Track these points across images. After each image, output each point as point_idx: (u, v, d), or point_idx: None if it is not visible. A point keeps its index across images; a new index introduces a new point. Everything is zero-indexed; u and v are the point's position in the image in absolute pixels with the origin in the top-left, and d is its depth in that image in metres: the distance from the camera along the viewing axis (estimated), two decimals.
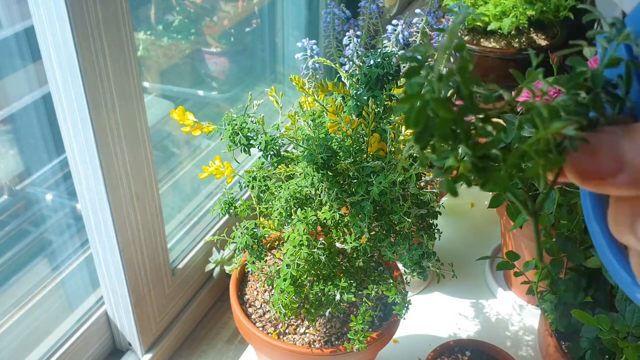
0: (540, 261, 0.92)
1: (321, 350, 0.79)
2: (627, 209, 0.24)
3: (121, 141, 0.78)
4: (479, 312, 1.13)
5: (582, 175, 0.24)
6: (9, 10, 0.79)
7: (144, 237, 0.89)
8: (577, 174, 0.24)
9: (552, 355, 0.93)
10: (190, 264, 1.04)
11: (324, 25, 0.95)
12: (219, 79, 1.38)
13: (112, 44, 0.71)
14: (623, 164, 0.23)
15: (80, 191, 0.81)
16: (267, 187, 0.76)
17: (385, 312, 0.86)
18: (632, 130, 0.24)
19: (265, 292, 0.89)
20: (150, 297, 0.95)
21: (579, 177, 0.24)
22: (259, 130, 0.75)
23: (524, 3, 1.49)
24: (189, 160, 1.24)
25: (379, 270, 0.84)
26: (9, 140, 0.91)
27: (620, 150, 0.23)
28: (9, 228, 0.91)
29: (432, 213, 0.74)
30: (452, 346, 0.94)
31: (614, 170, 0.23)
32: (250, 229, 0.75)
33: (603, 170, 0.24)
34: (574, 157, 0.24)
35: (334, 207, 0.71)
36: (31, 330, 0.89)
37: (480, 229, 1.31)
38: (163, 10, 1.24)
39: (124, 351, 0.99)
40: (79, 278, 0.96)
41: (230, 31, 1.38)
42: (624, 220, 0.24)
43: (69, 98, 0.72)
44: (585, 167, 0.24)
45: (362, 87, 0.73)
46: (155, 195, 0.88)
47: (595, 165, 0.24)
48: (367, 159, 0.71)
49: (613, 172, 0.23)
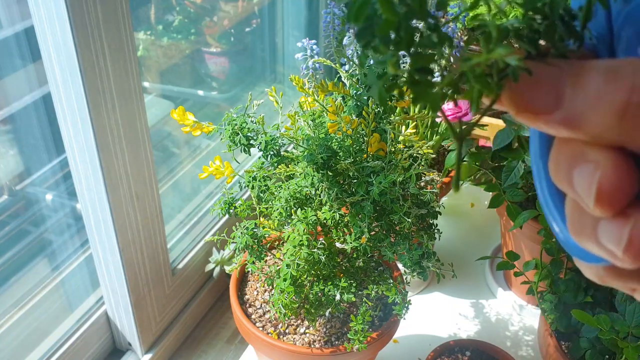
0: (459, 183, 0.93)
1: (321, 350, 0.79)
2: (568, 152, 0.23)
3: (121, 141, 0.78)
4: (479, 312, 1.13)
5: (517, 105, 0.23)
6: (9, 10, 0.79)
7: (144, 237, 0.89)
8: (513, 104, 0.23)
9: (552, 355, 0.93)
10: (190, 264, 1.04)
11: (324, 25, 0.95)
12: (219, 79, 1.38)
13: (112, 44, 0.71)
14: (560, 102, 0.22)
15: (80, 191, 0.81)
16: (267, 187, 0.76)
17: (385, 312, 0.86)
18: (579, 68, 0.22)
19: (265, 292, 0.89)
20: (150, 297, 0.95)
21: (514, 106, 0.23)
22: (259, 130, 0.75)
23: None
24: (189, 160, 1.24)
25: (379, 270, 0.84)
26: (9, 140, 0.91)
27: (560, 87, 0.22)
28: (9, 228, 0.91)
29: (432, 213, 0.74)
30: (452, 346, 0.94)
31: (550, 106, 0.22)
32: (250, 229, 0.75)
33: (539, 104, 0.23)
34: (513, 85, 0.23)
35: (334, 207, 0.71)
36: (31, 330, 0.89)
37: (480, 229, 1.31)
38: (163, 10, 1.24)
39: (124, 351, 0.99)
40: (79, 278, 0.96)
41: (230, 31, 1.38)
42: (563, 164, 0.23)
43: (69, 98, 0.72)
44: (521, 98, 0.23)
45: (362, 87, 0.73)
46: (155, 195, 0.88)
47: (532, 97, 0.23)
48: (367, 159, 0.71)
49: (549, 108, 0.22)
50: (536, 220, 0.96)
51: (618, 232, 0.22)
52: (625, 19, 0.24)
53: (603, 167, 0.22)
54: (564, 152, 0.23)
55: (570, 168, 0.23)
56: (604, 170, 0.22)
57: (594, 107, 0.21)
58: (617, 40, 0.24)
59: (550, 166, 0.24)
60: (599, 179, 0.21)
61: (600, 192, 0.21)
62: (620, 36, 0.24)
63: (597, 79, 0.22)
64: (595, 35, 0.25)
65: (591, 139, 0.22)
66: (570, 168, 0.23)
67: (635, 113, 0.21)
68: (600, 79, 0.21)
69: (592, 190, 0.22)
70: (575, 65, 0.23)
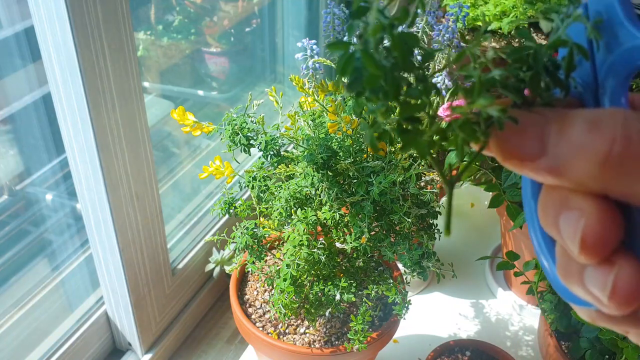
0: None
1: (321, 350, 0.79)
2: (555, 198, 0.23)
3: (121, 141, 0.78)
4: (479, 312, 1.13)
5: (503, 152, 0.23)
6: (9, 10, 0.79)
7: (144, 237, 0.89)
8: (499, 150, 0.24)
9: (552, 355, 0.93)
10: (190, 264, 1.04)
11: (324, 25, 0.95)
12: (219, 79, 1.38)
13: (112, 44, 0.71)
14: (545, 150, 0.23)
15: (80, 191, 0.81)
16: (267, 187, 0.76)
17: (385, 312, 0.86)
18: (563, 117, 0.23)
19: (265, 292, 0.89)
20: (150, 297, 0.95)
21: (500, 153, 0.24)
22: (259, 130, 0.75)
23: (524, 3, 1.49)
24: (189, 160, 1.24)
25: (379, 270, 0.84)
26: (9, 140, 0.91)
27: (545, 135, 0.23)
28: (9, 228, 0.91)
29: (432, 213, 0.74)
30: (452, 346, 0.94)
31: (535, 154, 0.23)
32: (250, 229, 0.75)
33: (524, 152, 0.23)
34: (499, 132, 0.23)
35: (334, 207, 0.71)
36: (31, 330, 0.89)
37: (480, 229, 1.31)
38: (163, 10, 1.24)
39: (124, 351, 0.99)
40: (79, 278, 0.96)
41: (230, 31, 1.38)
42: (550, 210, 0.23)
43: (69, 98, 0.72)
44: (507, 146, 0.23)
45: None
46: (155, 195, 0.88)
47: (518, 145, 0.23)
48: (367, 159, 0.71)
49: (534, 156, 0.23)
50: None
51: (603, 279, 0.22)
52: (608, 69, 0.24)
53: (587, 215, 0.22)
54: (551, 198, 0.23)
55: (556, 214, 0.23)
56: (588, 218, 0.22)
57: (577, 156, 0.22)
58: (602, 89, 0.25)
59: (539, 211, 0.24)
60: (583, 228, 0.22)
61: (585, 241, 0.22)
62: (605, 86, 0.25)
63: (580, 128, 0.22)
64: (581, 83, 0.25)
65: (575, 186, 0.22)
66: (557, 214, 0.23)
67: (617, 163, 0.21)
68: (583, 128, 0.22)
69: (576, 238, 0.22)
70: (560, 114, 0.23)
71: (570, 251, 0.23)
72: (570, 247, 0.22)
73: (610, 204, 0.22)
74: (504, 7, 1.49)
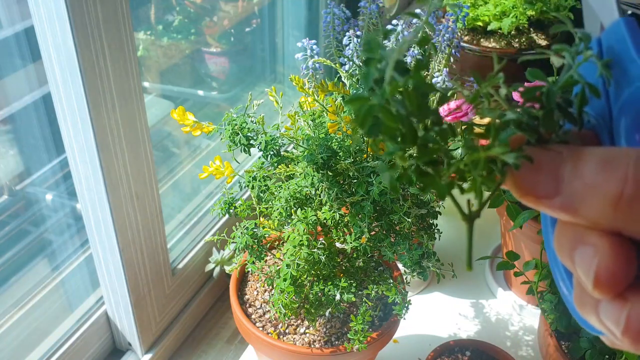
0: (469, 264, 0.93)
1: (321, 350, 0.79)
2: (570, 233, 0.24)
3: (121, 141, 0.78)
4: (479, 312, 1.13)
5: (519, 190, 0.24)
6: (9, 10, 0.79)
7: (144, 237, 0.89)
8: (515, 188, 0.24)
9: (552, 355, 0.93)
10: (190, 264, 1.04)
11: (324, 25, 0.95)
12: (219, 79, 1.38)
13: (112, 44, 0.71)
14: (559, 188, 0.23)
15: (80, 191, 0.81)
16: (267, 187, 0.76)
17: (385, 312, 0.86)
18: (577, 154, 0.23)
19: (265, 292, 0.89)
20: (150, 297, 0.95)
21: (516, 191, 0.24)
22: (259, 130, 0.75)
23: (524, 3, 1.49)
24: (189, 160, 1.24)
25: (379, 270, 0.84)
26: (9, 140, 0.91)
27: (560, 173, 0.23)
28: (9, 228, 0.91)
29: (432, 213, 0.74)
30: (452, 346, 0.94)
31: (551, 192, 0.23)
32: (250, 229, 0.75)
33: (540, 190, 0.23)
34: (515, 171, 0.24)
35: (334, 207, 0.71)
36: (31, 330, 0.89)
37: (480, 229, 1.31)
38: (163, 10, 1.24)
39: (124, 351, 0.99)
40: (79, 278, 0.96)
41: (230, 31, 1.38)
42: (566, 244, 0.24)
43: (69, 98, 0.72)
44: (523, 183, 0.24)
45: (362, 87, 0.72)
46: (155, 195, 0.88)
47: (534, 183, 0.24)
48: (367, 159, 0.71)
49: (550, 194, 0.23)
50: (536, 220, 0.96)
51: (617, 315, 0.22)
52: (620, 109, 0.25)
53: (601, 252, 0.22)
54: (566, 232, 0.24)
55: (571, 249, 0.23)
56: (601, 256, 0.22)
57: (590, 195, 0.22)
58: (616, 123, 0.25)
59: (554, 243, 0.25)
60: (597, 264, 0.22)
61: (598, 277, 0.22)
62: (619, 122, 0.25)
63: (593, 167, 0.22)
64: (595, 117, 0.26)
65: (589, 224, 0.23)
66: (572, 249, 0.23)
67: (628, 204, 0.21)
68: (596, 168, 0.22)
69: (590, 275, 0.22)
70: (574, 152, 0.23)
71: (585, 285, 0.23)
72: (585, 281, 0.23)
73: (625, 241, 0.22)
74: (504, 7, 1.49)
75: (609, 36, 0.25)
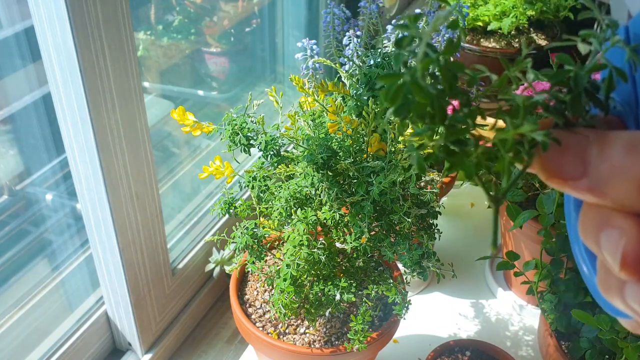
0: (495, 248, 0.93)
1: (321, 350, 0.79)
2: (596, 216, 0.24)
3: (121, 141, 0.78)
4: (479, 312, 1.13)
5: (546, 172, 0.24)
6: (9, 10, 0.79)
7: (144, 237, 0.89)
8: (542, 170, 0.24)
9: (552, 355, 0.93)
10: (190, 264, 1.04)
11: (324, 25, 0.95)
12: (219, 79, 1.38)
13: (112, 44, 0.71)
14: (586, 170, 0.23)
15: (80, 191, 0.81)
16: (267, 187, 0.76)
17: (385, 312, 0.86)
18: (604, 138, 0.23)
19: (265, 292, 0.89)
20: (150, 297, 0.95)
21: (543, 173, 0.24)
22: (259, 130, 0.75)
23: (524, 3, 1.49)
24: (189, 160, 1.24)
25: (379, 270, 0.84)
26: (9, 140, 0.91)
27: (586, 156, 0.23)
28: (9, 228, 0.91)
29: (432, 213, 0.74)
30: (452, 346, 0.94)
31: (577, 174, 0.24)
32: (250, 229, 0.75)
33: (566, 172, 0.24)
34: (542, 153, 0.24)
35: (334, 207, 0.71)
36: (31, 330, 0.89)
37: (480, 229, 1.31)
38: (163, 10, 1.24)
39: (124, 351, 0.99)
40: (79, 278, 0.96)
41: (230, 31, 1.38)
42: (591, 226, 0.24)
43: (69, 98, 0.72)
44: (550, 165, 0.24)
45: (362, 87, 0.73)
46: (155, 195, 0.88)
47: (560, 165, 0.24)
48: (367, 159, 0.71)
49: (576, 176, 0.24)
50: (536, 220, 0.96)
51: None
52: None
53: (628, 234, 0.22)
54: (592, 214, 0.24)
55: (597, 231, 0.24)
56: (628, 237, 0.22)
57: (616, 177, 0.22)
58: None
59: (579, 226, 0.25)
60: (623, 246, 0.22)
61: (625, 259, 0.22)
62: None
63: (619, 150, 0.23)
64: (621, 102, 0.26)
65: (616, 205, 0.23)
66: (598, 231, 0.24)
67: None
68: (623, 151, 0.23)
69: (617, 256, 0.23)
70: (600, 135, 0.24)
71: (611, 267, 0.23)
72: (611, 263, 0.23)
73: None
74: (504, 7, 1.49)
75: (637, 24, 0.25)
